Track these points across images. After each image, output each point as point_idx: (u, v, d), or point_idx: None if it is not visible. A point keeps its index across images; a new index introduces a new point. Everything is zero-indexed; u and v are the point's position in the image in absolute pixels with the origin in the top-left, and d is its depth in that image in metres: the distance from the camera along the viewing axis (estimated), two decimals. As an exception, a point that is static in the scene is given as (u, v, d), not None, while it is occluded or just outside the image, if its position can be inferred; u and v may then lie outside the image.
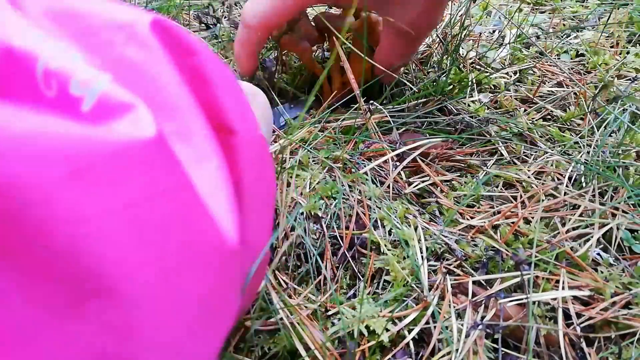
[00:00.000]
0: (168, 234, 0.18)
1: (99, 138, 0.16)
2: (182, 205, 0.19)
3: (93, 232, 0.16)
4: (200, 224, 0.20)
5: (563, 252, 0.43)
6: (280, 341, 0.37)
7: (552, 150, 0.57)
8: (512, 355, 0.38)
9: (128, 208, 0.17)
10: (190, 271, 0.19)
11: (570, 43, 0.77)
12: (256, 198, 0.25)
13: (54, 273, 0.16)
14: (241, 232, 0.22)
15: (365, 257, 0.43)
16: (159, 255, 0.18)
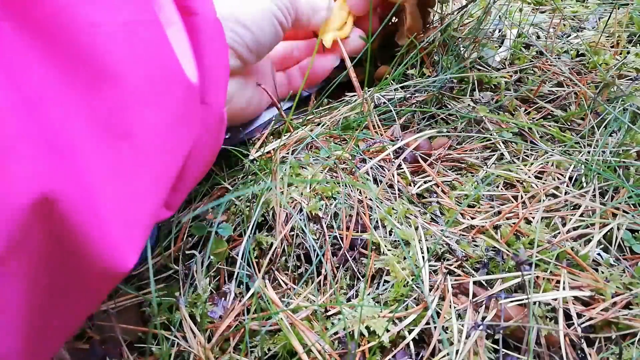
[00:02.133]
0: (147, 53, 0.26)
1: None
2: (156, 38, 0.27)
3: (105, 33, 0.24)
4: (167, 54, 0.28)
5: (564, 252, 0.43)
6: (280, 341, 0.37)
7: (552, 150, 0.56)
8: (512, 356, 0.37)
9: (125, 24, 0.25)
10: (163, 85, 0.27)
11: (571, 43, 0.77)
12: (214, 70, 0.33)
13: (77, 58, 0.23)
14: (201, 85, 0.31)
15: (366, 257, 0.43)
16: (144, 65, 0.26)
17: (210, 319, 0.39)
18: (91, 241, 0.23)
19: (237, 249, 0.42)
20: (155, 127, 0.27)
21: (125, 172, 0.25)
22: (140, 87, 0.26)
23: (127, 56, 0.25)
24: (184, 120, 0.29)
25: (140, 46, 0.26)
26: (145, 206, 0.27)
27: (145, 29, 0.26)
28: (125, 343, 0.39)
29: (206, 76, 0.32)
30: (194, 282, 0.41)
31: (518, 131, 0.60)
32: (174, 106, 0.28)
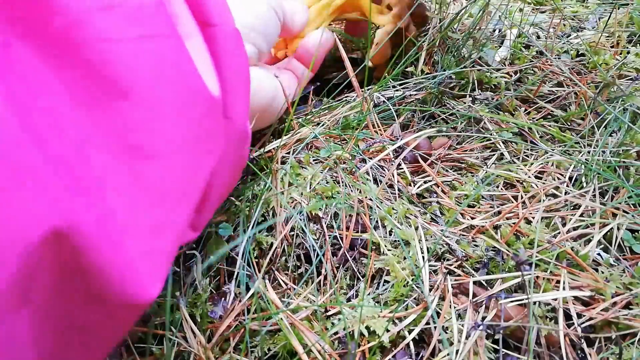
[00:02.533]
0: (166, 67, 0.25)
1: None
2: (174, 51, 0.26)
3: (118, 49, 0.23)
4: (186, 67, 0.27)
5: (564, 252, 0.43)
6: (280, 341, 0.37)
7: (552, 150, 0.56)
8: (512, 356, 0.37)
9: (140, 39, 0.24)
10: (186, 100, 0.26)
11: (571, 43, 0.77)
12: (235, 82, 0.32)
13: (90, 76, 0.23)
14: (222, 99, 0.30)
15: (366, 257, 0.43)
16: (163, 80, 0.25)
17: (210, 319, 0.39)
18: (112, 275, 0.22)
19: (237, 249, 0.42)
20: (179, 144, 0.26)
21: (147, 196, 0.24)
22: (161, 102, 0.25)
23: (143, 71, 0.24)
24: (208, 136, 0.28)
25: (158, 60, 0.25)
26: (169, 232, 0.26)
27: (162, 43, 0.25)
28: (125, 343, 0.39)
29: (227, 89, 0.31)
30: (194, 282, 0.41)
31: (518, 131, 0.60)
32: (197, 121, 0.27)
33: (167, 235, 0.26)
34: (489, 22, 0.73)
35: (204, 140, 0.28)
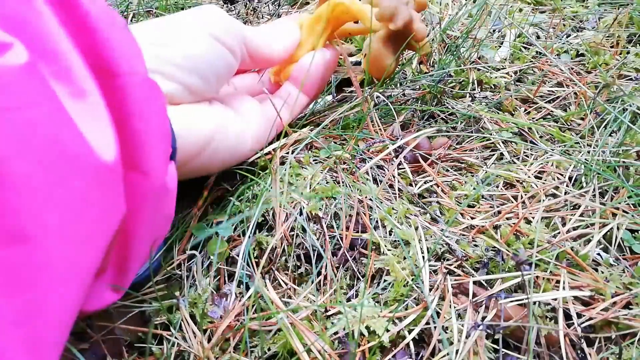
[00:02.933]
0: (39, 140, 0.23)
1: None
2: (49, 119, 0.24)
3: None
4: (66, 135, 0.24)
5: (564, 252, 0.43)
6: (280, 341, 0.37)
7: (552, 150, 0.57)
8: (512, 356, 0.38)
9: (3, 112, 0.22)
10: (65, 172, 0.24)
11: (571, 43, 0.77)
12: (150, 134, 0.30)
13: None
14: (131, 154, 0.28)
15: (365, 257, 0.43)
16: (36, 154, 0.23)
17: (210, 319, 0.39)
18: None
19: (237, 249, 0.42)
20: (59, 221, 0.23)
21: (25, 281, 0.22)
22: (33, 179, 0.22)
23: (8, 148, 0.21)
24: (100, 202, 0.26)
25: (25, 133, 0.22)
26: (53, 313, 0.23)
27: (32, 113, 0.23)
28: (125, 343, 0.39)
29: (138, 143, 0.29)
30: (194, 282, 0.42)
31: (518, 131, 0.60)
32: (82, 192, 0.24)
33: (40, 320, 0.23)
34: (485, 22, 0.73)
35: (96, 207, 0.25)
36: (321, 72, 0.50)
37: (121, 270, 0.31)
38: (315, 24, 0.49)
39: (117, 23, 0.29)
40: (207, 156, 0.40)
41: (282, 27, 0.49)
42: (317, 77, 0.50)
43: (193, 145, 0.38)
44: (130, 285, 0.39)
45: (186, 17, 0.39)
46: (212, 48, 0.39)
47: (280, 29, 0.49)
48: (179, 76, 0.37)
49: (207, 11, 0.41)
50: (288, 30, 0.49)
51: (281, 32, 0.49)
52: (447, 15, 0.78)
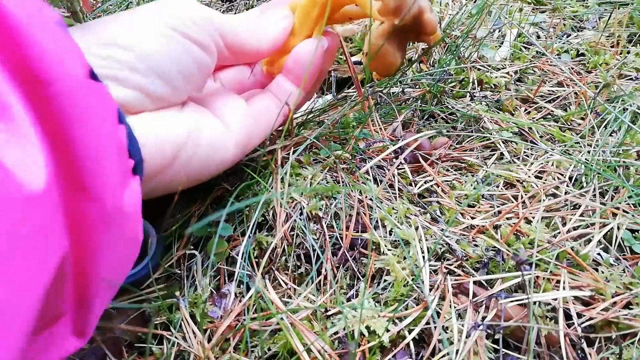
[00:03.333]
0: None
1: None
2: None
3: None
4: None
5: (564, 252, 0.43)
6: (280, 341, 0.37)
7: (552, 149, 0.56)
8: (512, 356, 0.38)
9: None
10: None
11: (571, 43, 0.77)
12: (98, 150, 0.25)
13: None
14: (62, 180, 0.24)
15: (366, 257, 0.43)
16: None
17: (210, 319, 0.39)
18: None
19: (237, 249, 0.42)
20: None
21: None
22: None
23: None
24: (31, 239, 0.23)
25: None
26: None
27: None
28: (125, 343, 0.39)
29: (81, 160, 0.24)
30: (194, 282, 0.41)
31: (518, 131, 0.60)
32: (6, 229, 0.21)
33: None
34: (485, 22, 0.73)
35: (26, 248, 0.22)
36: (319, 63, 0.43)
37: (82, 313, 0.27)
38: (311, 8, 0.42)
39: (46, 19, 0.24)
40: (180, 167, 0.34)
41: (270, 14, 0.43)
42: (314, 68, 0.43)
43: (161, 155, 0.32)
44: (130, 283, 0.39)
45: (144, 10, 0.34)
46: (176, 44, 0.33)
47: (268, 15, 0.43)
48: (135, 80, 0.31)
49: (174, 2, 0.35)
50: (278, 17, 0.43)
51: (269, 20, 0.42)
52: (448, 14, 0.78)
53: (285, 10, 0.43)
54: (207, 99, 0.40)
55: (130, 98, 0.31)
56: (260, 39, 0.40)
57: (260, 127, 0.42)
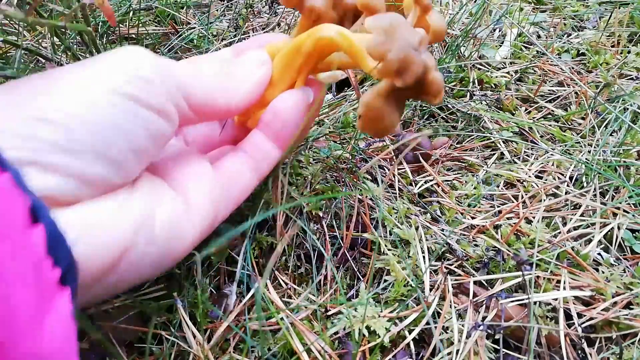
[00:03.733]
0: None
1: None
2: None
3: None
4: None
5: (564, 252, 0.43)
6: (280, 341, 0.37)
7: (553, 149, 0.56)
8: (513, 356, 0.37)
9: None
10: None
11: (571, 42, 0.77)
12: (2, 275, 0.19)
13: None
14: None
15: (366, 257, 0.43)
16: None
17: (210, 319, 0.39)
18: None
19: (237, 249, 0.42)
20: None
21: None
22: None
23: None
24: None
25: None
26: None
27: None
28: (125, 343, 0.38)
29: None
30: (193, 282, 0.41)
31: (518, 130, 0.60)
32: None
33: None
34: (485, 22, 0.73)
35: None
36: (300, 118, 0.35)
37: None
38: (294, 57, 0.35)
39: None
40: (128, 267, 0.27)
41: (245, 60, 0.35)
42: (293, 124, 0.35)
43: (100, 257, 0.25)
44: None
45: (84, 68, 0.27)
46: (123, 113, 0.26)
47: (242, 61, 0.35)
48: (66, 164, 0.24)
49: (121, 57, 0.28)
50: (253, 64, 0.35)
51: (243, 67, 0.35)
52: (448, 14, 0.77)
53: (263, 55, 0.36)
54: (165, 165, 0.32)
55: (60, 186, 0.24)
56: (233, 94, 0.33)
57: (230, 198, 0.34)
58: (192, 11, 0.75)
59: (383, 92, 0.33)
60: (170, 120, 0.29)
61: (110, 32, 0.65)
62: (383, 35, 0.30)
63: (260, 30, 0.71)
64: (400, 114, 0.36)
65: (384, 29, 0.30)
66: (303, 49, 0.34)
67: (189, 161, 0.33)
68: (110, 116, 0.25)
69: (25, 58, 0.57)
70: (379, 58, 0.30)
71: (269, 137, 0.35)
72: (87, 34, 0.50)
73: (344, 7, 0.36)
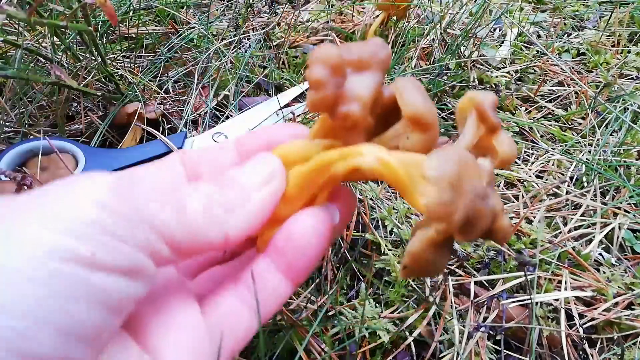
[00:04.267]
0: None
1: None
2: None
3: None
4: None
5: (565, 252, 0.43)
6: (280, 341, 0.37)
7: (553, 149, 0.56)
8: (514, 357, 0.37)
9: None
10: None
11: (571, 42, 0.77)
12: None
13: None
14: None
15: (366, 257, 0.43)
16: None
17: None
18: None
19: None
20: None
21: None
22: None
23: None
24: None
25: None
26: None
27: None
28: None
29: None
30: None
31: (519, 130, 0.60)
32: None
33: None
34: (486, 21, 0.73)
35: None
36: (322, 245, 0.26)
37: None
38: (318, 174, 0.26)
39: None
40: None
41: (247, 173, 0.26)
42: (312, 254, 0.26)
43: None
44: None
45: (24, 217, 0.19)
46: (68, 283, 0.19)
47: (244, 176, 0.26)
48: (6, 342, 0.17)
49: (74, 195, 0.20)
50: (259, 179, 0.26)
51: (245, 187, 0.26)
52: (448, 13, 0.77)
53: (272, 164, 0.27)
54: (137, 314, 0.24)
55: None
56: (230, 224, 0.24)
57: (222, 353, 0.25)
58: (192, 11, 0.75)
59: (437, 242, 0.25)
60: (142, 277, 0.21)
61: (111, 31, 0.65)
62: (449, 191, 0.22)
63: (260, 30, 0.71)
64: (448, 259, 0.28)
65: (450, 182, 0.22)
66: (332, 171, 0.26)
67: (169, 308, 0.25)
68: (48, 289, 0.18)
69: (25, 58, 0.56)
70: (443, 220, 0.23)
71: (279, 266, 0.27)
72: (88, 34, 0.50)
73: (382, 105, 0.27)
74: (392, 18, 0.70)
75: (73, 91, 0.52)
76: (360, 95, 0.25)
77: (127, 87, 0.56)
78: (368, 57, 0.25)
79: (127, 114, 0.53)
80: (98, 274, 0.19)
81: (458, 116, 0.28)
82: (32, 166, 0.45)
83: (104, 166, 0.47)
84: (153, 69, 0.60)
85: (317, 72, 0.24)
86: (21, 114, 0.53)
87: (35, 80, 0.47)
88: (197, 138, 0.52)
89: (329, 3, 0.79)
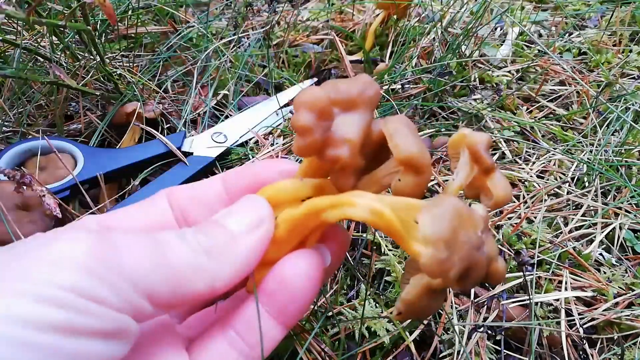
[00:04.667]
0: None
1: None
2: None
3: None
4: None
5: (566, 252, 0.43)
6: (281, 346, 0.37)
7: (554, 149, 0.56)
8: (514, 357, 0.37)
9: None
10: None
11: (573, 41, 0.77)
12: None
13: None
14: None
15: (366, 257, 0.42)
16: None
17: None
18: None
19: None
20: None
21: None
22: None
23: None
24: None
25: None
26: None
27: None
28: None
29: None
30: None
31: (520, 130, 0.60)
32: None
33: None
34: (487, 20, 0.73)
35: None
36: (314, 288, 0.26)
37: None
38: (308, 219, 0.26)
39: None
40: None
41: (234, 218, 0.26)
42: (305, 298, 0.26)
43: None
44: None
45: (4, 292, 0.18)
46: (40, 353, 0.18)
47: (230, 221, 0.26)
48: None
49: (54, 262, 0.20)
50: (246, 224, 0.26)
51: (231, 234, 0.25)
52: (449, 12, 0.77)
53: (261, 208, 0.26)
54: None
55: None
56: (218, 273, 0.24)
57: None
58: (191, 10, 0.75)
59: (432, 290, 0.26)
60: (122, 337, 0.21)
61: (110, 31, 0.64)
62: (444, 250, 0.22)
63: (260, 29, 0.71)
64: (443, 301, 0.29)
65: (445, 240, 0.22)
66: (322, 217, 0.25)
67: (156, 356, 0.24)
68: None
69: (24, 57, 0.56)
70: (440, 277, 0.22)
71: (270, 311, 0.26)
72: (86, 33, 0.50)
73: (371, 142, 0.26)
74: (392, 17, 0.70)
75: (72, 91, 0.52)
76: (349, 138, 0.24)
77: (126, 87, 0.56)
78: (356, 95, 0.25)
79: (126, 114, 0.53)
80: (76, 339, 0.19)
81: (450, 151, 0.28)
82: (31, 166, 0.45)
83: (104, 166, 0.46)
84: (152, 68, 0.60)
85: (302, 118, 0.23)
86: (20, 114, 0.53)
87: (34, 79, 0.47)
88: (196, 137, 0.52)
89: (329, 2, 0.79)
